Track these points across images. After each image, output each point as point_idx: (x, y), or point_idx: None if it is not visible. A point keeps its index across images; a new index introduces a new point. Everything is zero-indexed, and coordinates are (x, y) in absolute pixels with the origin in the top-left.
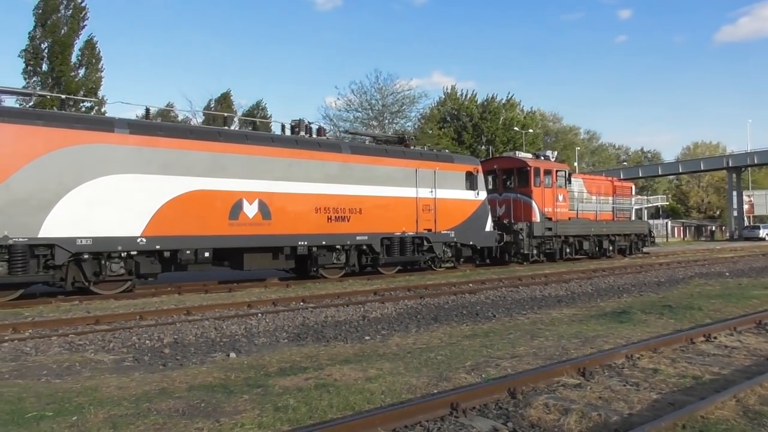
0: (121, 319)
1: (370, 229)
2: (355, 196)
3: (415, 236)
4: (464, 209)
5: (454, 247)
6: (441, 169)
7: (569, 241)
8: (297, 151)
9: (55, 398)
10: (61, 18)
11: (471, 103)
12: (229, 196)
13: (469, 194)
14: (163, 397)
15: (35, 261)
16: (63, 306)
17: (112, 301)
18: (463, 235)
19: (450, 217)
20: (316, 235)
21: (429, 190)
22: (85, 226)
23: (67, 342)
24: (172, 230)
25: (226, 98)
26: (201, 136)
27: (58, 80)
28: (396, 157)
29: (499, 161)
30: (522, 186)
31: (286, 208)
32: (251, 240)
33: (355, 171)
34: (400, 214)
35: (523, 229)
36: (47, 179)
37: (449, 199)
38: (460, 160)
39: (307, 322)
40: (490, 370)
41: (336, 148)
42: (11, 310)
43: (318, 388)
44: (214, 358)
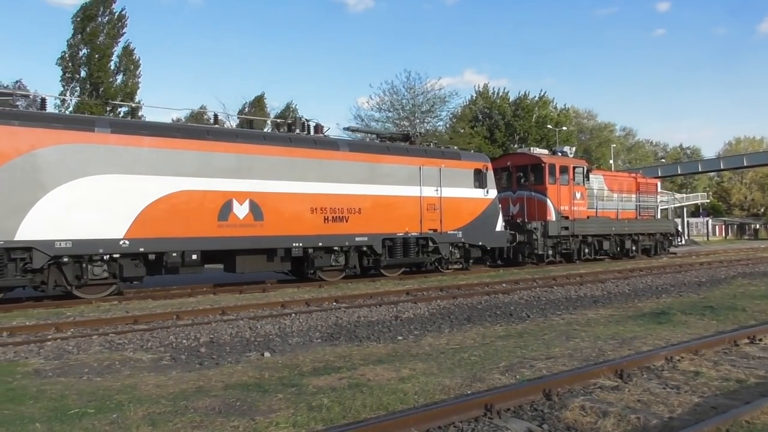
0: (158, 318)
1: (370, 230)
2: (353, 196)
3: (419, 237)
4: (472, 208)
5: (462, 248)
6: (447, 166)
7: (588, 241)
8: (290, 150)
9: (96, 396)
10: (100, 25)
11: (503, 101)
12: (218, 197)
13: (477, 192)
14: (200, 395)
15: (13, 265)
16: (103, 306)
17: (150, 301)
18: (471, 235)
19: (457, 216)
20: (312, 237)
21: (434, 188)
22: (65, 229)
23: (108, 341)
24: (156, 232)
25: (260, 101)
26: (188, 134)
27: (96, 86)
28: (398, 154)
29: (513, 158)
30: (536, 183)
31: (280, 209)
32: (242, 242)
33: (354, 169)
34: (403, 213)
35: (537, 228)
36: (24, 181)
37: (456, 198)
38: (468, 157)
39: (340, 322)
40: (524, 371)
41: (333, 146)
42: (54, 310)
43: (351, 387)
44: (249, 357)
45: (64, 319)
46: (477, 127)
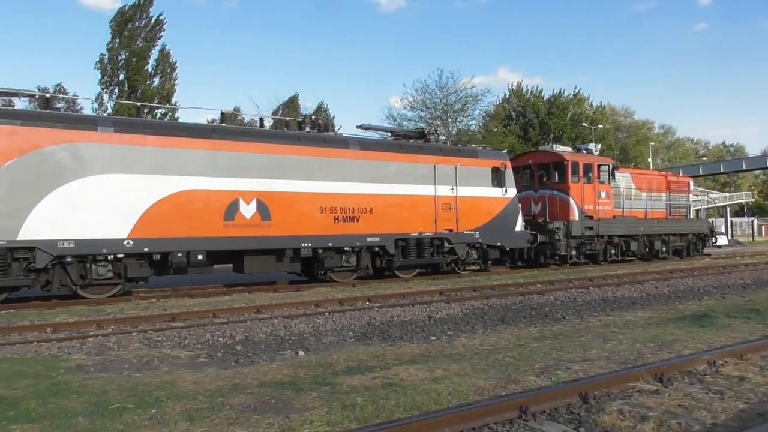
0: (195, 316)
1: (382, 230)
2: (365, 195)
3: (434, 237)
4: (490, 208)
5: (480, 249)
6: (463, 164)
7: (614, 241)
8: (298, 148)
9: (135, 391)
10: (137, 29)
11: (537, 99)
12: (224, 196)
13: (495, 191)
14: (236, 392)
15: (17, 264)
16: (142, 304)
17: (187, 299)
18: (489, 235)
19: (474, 216)
20: (322, 237)
21: (449, 187)
22: (68, 229)
23: (146, 338)
24: (161, 232)
25: (293, 102)
26: (193, 133)
27: (134, 89)
28: (411, 152)
29: (535, 155)
30: (559, 182)
31: (288, 208)
32: (249, 242)
33: (365, 168)
34: (417, 213)
35: (559, 228)
36: (27, 180)
37: (473, 197)
38: (486, 155)
39: (373, 322)
40: (560, 373)
41: (343, 144)
42: (95, 307)
43: (385, 387)
44: (284, 355)
45: (104, 316)
46: (510, 125)
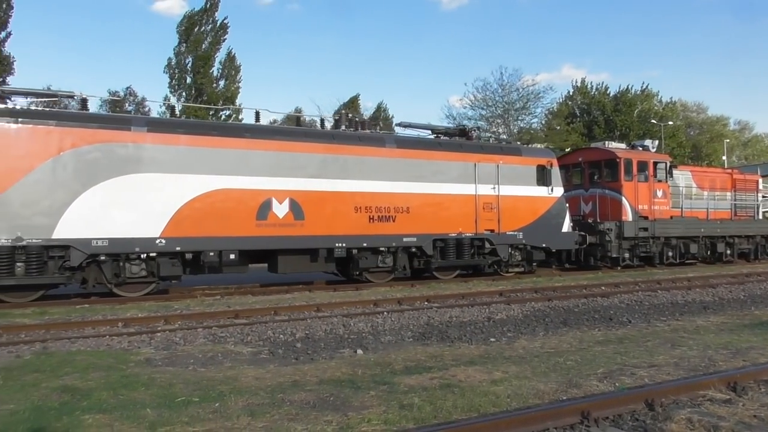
0: (257, 314)
1: (419, 230)
2: (401, 194)
3: (474, 238)
4: (535, 207)
5: (524, 250)
6: (506, 162)
7: (671, 243)
8: (333, 146)
9: (200, 385)
10: (203, 33)
11: (603, 95)
12: (257, 195)
13: (540, 190)
14: (296, 389)
15: (52, 262)
16: (207, 300)
17: (250, 296)
18: (533, 236)
19: (517, 216)
20: (356, 237)
21: (491, 186)
22: (101, 227)
23: (211, 334)
24: (193, 231)
25: (354, 102)
26: (225, 132)
27: (200, 92)
28: (450, 150)
29: (585, 153)
30: (610, 180)
31: (321, 208)
32: (282, 241)
33: (402, 166)
34: (456, 213)
35: (611, 229)
36: (61, 179)
37: (516, 197)
38: (530, 153)
39: (431, 322)
40: (624, 378)
41: (379, 142)
42: (163, 303)
43: (443, 388)
44: (343, 354)
45: (172, 312)
46: (574, 123)
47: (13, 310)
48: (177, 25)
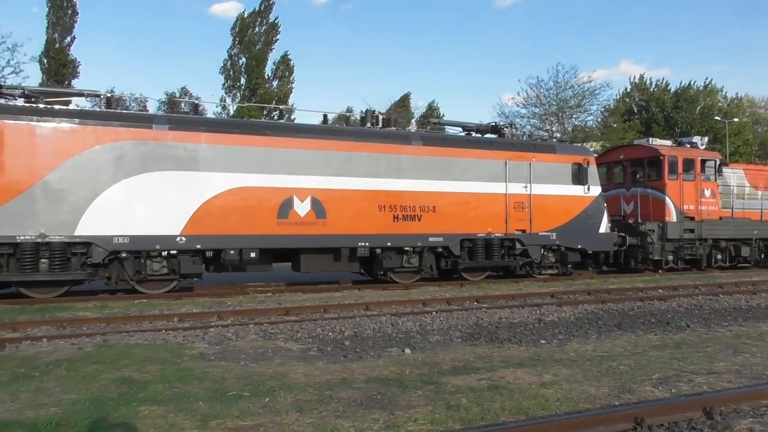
0: (307, 311)
1: (446, 230)
2: (427, 193)
3: (504, 238)
4: (569, 207)
5: (558, 252)
6: (538, 160)
7: (720, 245)
8: (356, 144)
9: (251, 380)
10: (256, 35)
11: (662, 92)
12: (278, 194)
13: (576, 189)
14: (344, 386)
15: (75, 259)
16: (258, 297)
17: (300, 294)
18: (567, 237)
19: (550, 216)
20: (380, 236)
21: (522, 185)
22: (123, 225)
23: (262, 330)
24: (214, 229)
25: (405, 101)
26: (247, 130)
27: (254, 92)
28: (480, 148)
29: (627, 150)
30: (654, 179)
31: (344, 206)
32: (303, 240)
33: (428, 164)
34: (485, 212)
35: (653, 230)
36: (84, 177)
37: (549, 196)
38: (565, 150)
39: (480, 323)
40: (681, 385)
41: (404, 140)
42: (216, 299)
43: (491, 389)
44: (390, 352)
45: (225, 308)
46: (631, 121)
47: (76, 303)
48: (231, 26)
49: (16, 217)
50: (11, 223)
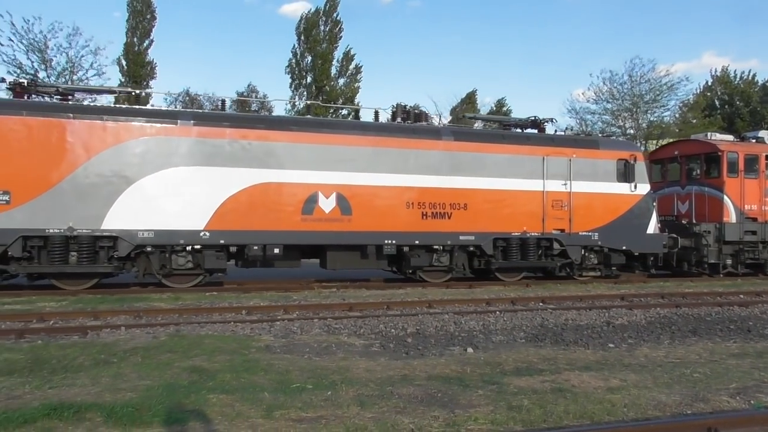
0: (371, 307)
1: (478, 228)
2: (457, 189)
3: (540, 237)
4: (614, 206)
5: (600, 253)
6: (579, 156)
7: None
8: (383, 139)
9: (314, 374)
10: (320, 33)
11: (748, 85)
12: (302, 189)
13: (621, 187)
14: (405, 383)
15: (103, 252)
16: (323, 293)
17: (364, 290)
18: (611, 237)
19: (592, 215)
20: (408, 234)
21: (562, 182)
22: (147, 219)
23: (326, 325)
24: (237, 224)
25: (471, 98)
26: (271, 125)
27: (320, 90)
28: (515, 143)
29: (682, 145)
30: (711, 176)
31: (370, 203)
32: (327, 237)
33: (459, 160)
34: (520, 210)
35: (708, 231)
36: (110, 172)
37: (591, 194)
38: (610, 146)
39: (545, 324)
40: (761, 396)
41: (434, 135)
42: (283, 294)
43: (554, 392)
44: (452, 351)
45: (291, 302)
46: (713, 116)
47: (151, 294)
48: (296, 26)
49: (46, 211)
50: (42, 216)
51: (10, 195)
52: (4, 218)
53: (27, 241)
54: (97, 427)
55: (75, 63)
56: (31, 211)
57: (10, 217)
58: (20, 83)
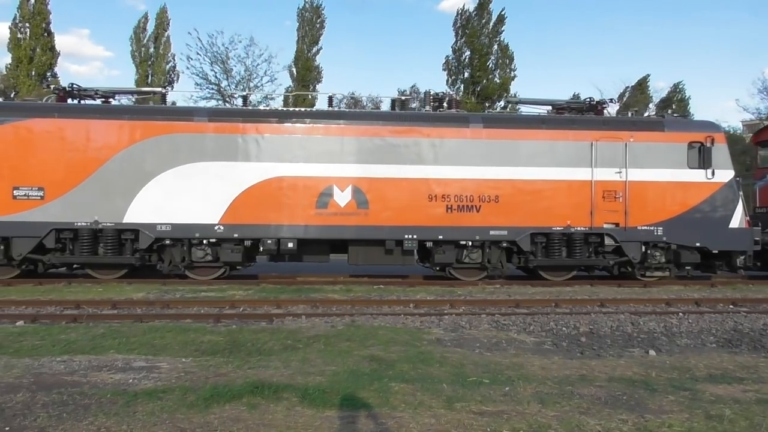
0: (538, 305)
1: (511, 222)
2: (487, 180)
3: (588, 232)
4: (683, 196)
5: (668, 250)
6: (638, 140)
7: None
8: (402, 129)
9: (488, 369)
10: (478, 28)
11: None
12: (316, 183)
13: (694, 174)
14: (584, 383)
15: (127, 244)
16: (488, 288)
17: (529, 287)
18: (679, 232)
19: (654, 206)
20: (430, 228)
21: (615, 169)
22: (165, 213)
23: (494, 321)
24: (251, 218)
25: (642, 84)
26: (284, 119)
27: (476, 85)
28: (557, 128)
29: None
30: None
31: (388, 196)
32: (342, 231)
33: (489, 149)
34: (562, 202)
35: None
36: (132, 169)
37: (653, 182)
38: (679, 127)
39: (739, 328)
40: None
41: (461, 123)
42: (448, 288)
43: (760, 403)
44: (632, 353)
45: (456, 297)
46: None
47: (325, 286)
48: (453, 21)
49: (75, 205)
50: (71, 211)
51: (44, 191)
52: (39, 212)
53: (59, 233)
54: (293, 407)
55: (252, 71)
56: (62, 205)
57: (44, 211)
58: (63, 88)
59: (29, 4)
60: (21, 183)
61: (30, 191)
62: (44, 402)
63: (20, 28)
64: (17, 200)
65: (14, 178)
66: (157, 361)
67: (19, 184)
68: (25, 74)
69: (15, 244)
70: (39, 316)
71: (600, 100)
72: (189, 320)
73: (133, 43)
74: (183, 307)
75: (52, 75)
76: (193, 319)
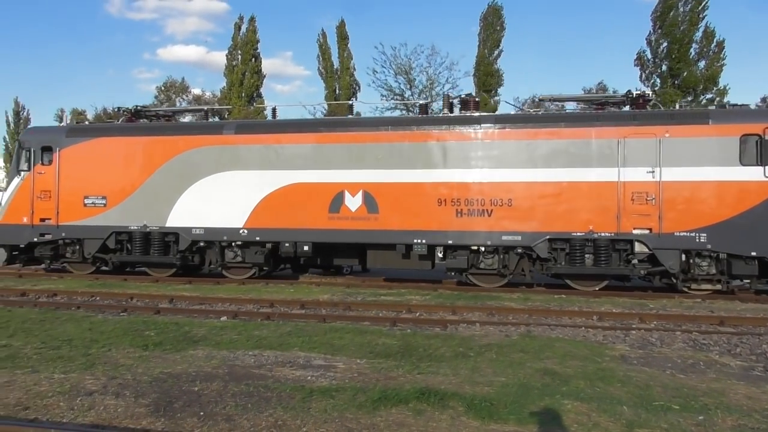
0: (748, 323)
1: (526, 227)
2: (499, 183)
3: (614, 238)
4: (733, 197)
5: (716, 260)
6: (675, 135)
7: None
8: (410, 134)
9: (680, 393)
10: (678, 15)
11: None
12: (329, 188)
13: (748, 172)
14: None
15: (174, 246)
16: (685, 302)
17: (738, 303)
18: (728, 239)
19: (696, 210)
20: (439, 232)
21: (646, 169)
22: (199, 218)
23: (691, 339)
24: (271, 223)
25: None
26: (300, 128)
27: (675, 77)
28: (578, 125)
29: None
30: None
31: (398, 200)
32: (353, 235)
33: (501, 150)
34: (583, 206)
35: None
36: (172, 179)
37: (694, 182)
38: (727, 118)
39: None
40: None
41: (470, 124)
42: (638, 301)
43: None
44: None
45: (647, 310)
46: None
47: (502, 294)
48: (651, 11)
49: (129, 211)
50: (126, 216)
51: (106, 199)
52: (102, 218)
53: (118, 235)
54: (459, 416)
55: (434, 80)
56: (120, 211)
57: (106, 216)
58: (130, 110)
59: (241, 33)
60: (89, 193)
61: (96, 200)
62: (234, 392)
63: (234, 54)
64: (87, 207)
65: (85, 189)
66: (334, 361)
67: (88, 194)
68: (236, 96)
69: (86, 244)
70: (239, 312)
71: (640, 92)
72: (367, 322)
73: (320, 60)
74: (363, 309)
75: (257, 95)
76: (371, 322)
